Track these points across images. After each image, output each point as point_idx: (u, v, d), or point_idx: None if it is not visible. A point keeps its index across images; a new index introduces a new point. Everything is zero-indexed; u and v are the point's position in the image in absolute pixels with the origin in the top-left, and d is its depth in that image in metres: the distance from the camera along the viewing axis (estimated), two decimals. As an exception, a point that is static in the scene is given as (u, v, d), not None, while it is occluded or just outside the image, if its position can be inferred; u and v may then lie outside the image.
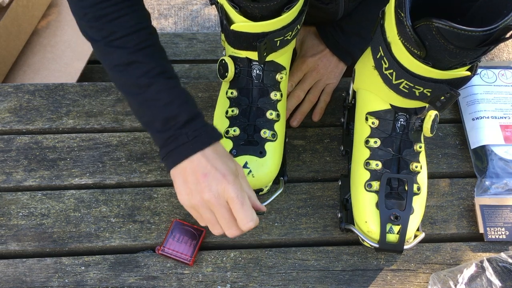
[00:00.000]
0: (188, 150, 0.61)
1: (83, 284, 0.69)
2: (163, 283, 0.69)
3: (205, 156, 0.61)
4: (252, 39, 0.65)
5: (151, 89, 0.63)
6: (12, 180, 0.77)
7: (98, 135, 0.82)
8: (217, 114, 0.74)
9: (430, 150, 0.82)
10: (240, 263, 0.71)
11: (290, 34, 0.67)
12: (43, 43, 1.37)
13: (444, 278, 0.68)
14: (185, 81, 0.90)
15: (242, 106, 0.72)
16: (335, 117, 0.85)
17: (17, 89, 0.87)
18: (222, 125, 0.72)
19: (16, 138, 0.81)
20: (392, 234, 0.66)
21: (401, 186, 0.67)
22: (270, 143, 0.71)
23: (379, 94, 0.69)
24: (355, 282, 0.70)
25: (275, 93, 0.72)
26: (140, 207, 0.75)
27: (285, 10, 0.62)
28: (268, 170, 0.70)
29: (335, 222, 0.75)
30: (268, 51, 0.67)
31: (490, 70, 0.87)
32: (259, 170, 0.69)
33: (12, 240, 0.72)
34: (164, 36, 1.34)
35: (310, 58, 0.83)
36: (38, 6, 1.40)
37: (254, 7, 0.61)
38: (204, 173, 0.60)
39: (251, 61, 0.71)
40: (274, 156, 0.71)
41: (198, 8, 2.08)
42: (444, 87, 0.59)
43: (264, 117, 0.71)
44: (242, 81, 0.72)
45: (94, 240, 0.72)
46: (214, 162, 0.61)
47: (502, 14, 0.51)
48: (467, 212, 0.76)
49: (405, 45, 0.58)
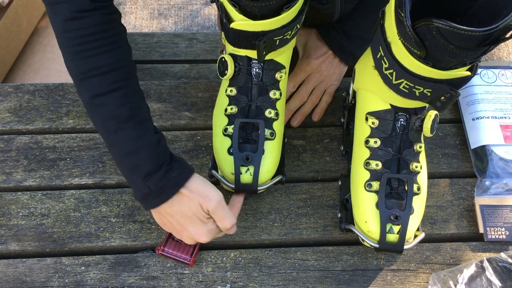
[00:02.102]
0: (153, 201, 0.64)
1: (83, 284, 0.69)
2: (163, 283, 0.69)
3: (171, 206, 0.64)
4: (252, 37, 0.65)
5: (118, 135, 0.63)
6: (12, 180, 0.77)
7: (98, 135, 0.82)
8: (216, 111, 0.74)
9: (430, 150, 0.82)
10: (240, 263, 0.71)
11: (290, 34, 0.67)
12: (43, 43, 1.37)
13: (444, 278, 0.68)
14: (185, 81, 0.90)
15: (241, 104, 0.72)
16: (335, 117, 0.85)
17: (17, 89, 0.87)
18: (221, 123, 0.72)
19: (16, 138, 0.81)
20: (392, 234, 0.66)
21: (401, 186, 0.67)
22: (268, 141, 0.71)
23: (379, 94, 0.69)
24: (355, 282, 0.70)
25: (274, 91, 0.72)
26: (140, 207, 0.75)
27: (284, 9, 0.62)
28: (266, 169, 0.70)
29: (335, 222, 0.75)
30: (268, 50, 0.68)
31: (490, 70, 0.87)
32: (256, 169, 0.69)
33: (12, 240, 0.72)
34: (164, 36, 1.34)
35: (315, 60, 0.83)
36: (38, 6, 1.40)
37: (254, 6, 0.61)
38: (174, 226, 0.66)
39: (251, 59, 0.71)
40: (272, 154, 0.71)
41: (198, 8, 2.08)
42: (444, 87, 0.59)
43: (263, 115, 0.72)
44: (241, 79, 0.72)
45: (94, 240, 0.72)
46: (177, 216, 0.65)
47: (502, 14, 0.51)
48: (467, 212, 0.76)
49: (405, 45, 0.58)
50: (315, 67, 0.84)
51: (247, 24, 0.64)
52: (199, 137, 0.82)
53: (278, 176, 0.74)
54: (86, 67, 0.62)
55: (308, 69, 0.84)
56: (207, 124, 0.84)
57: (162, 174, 0.62)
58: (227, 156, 0.70)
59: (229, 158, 0.70)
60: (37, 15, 1.40)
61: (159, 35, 1.35)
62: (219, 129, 0.72)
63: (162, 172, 0.62)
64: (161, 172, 0.62)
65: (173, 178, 0.63)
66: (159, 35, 1.35)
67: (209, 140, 0.82)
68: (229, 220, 0.66)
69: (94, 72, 0.62)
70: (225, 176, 0.71)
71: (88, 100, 0.63)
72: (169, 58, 1.31)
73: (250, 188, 0.70)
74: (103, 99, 0.63)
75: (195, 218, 0.65)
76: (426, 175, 0.70)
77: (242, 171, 0.69)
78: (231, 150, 0.70)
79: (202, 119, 0.84)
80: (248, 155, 0.69)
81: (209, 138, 0.82)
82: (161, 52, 1.31)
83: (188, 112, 0.85)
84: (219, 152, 0.71)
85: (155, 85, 0.88)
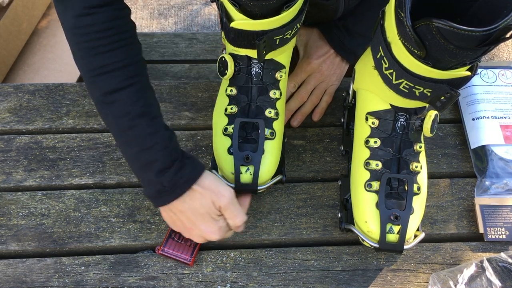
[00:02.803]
0: (166, 198, 0.64)
1: (83, 284, 0.69)
2: (163, 283, 0.69)
3: (183, 202, 0.64)
4: (252, 37, 0.65)
5: (132, 132, 0.62)
6: (12, 180, 0.77)
7: (98, 135, 0.82)
8: (216, 111, 0.74)
9: (430, 150, 0.82)
10: (240, 263, 0.71)
11: (290, 33, 0.67)
12: (43, 43, 1.37)
13: (444, 278, 0.68)
14: (185, 81, 0.90)
15: (241, 104, 0.72)
16: (335, 117, 0.85)
17: (17, 89, 0.87)
18: (221, 123, 0.72)
19: (16, 138, 0.81)
20: (392, 234, 0.66)
21: (401, 186, 0.67)
22: (268, 141, 0.71)
23: (379, 94, 0.69)
24: (355, 282, 0.70)
25: (274, 91, 0.72)
26: (140, 207, 0.75)
27: (284, 9, 0.62)
28: (266, 169, 0.70)
29: (335, 222, 0.75)
30: (268, 50, 0.67)
31: (490, 70, 0.87)
32: (256, 168, 0.69)
33: (12, 240, 0.72)
34: (164, 36, 1.34)
35: (315, 60, 0.83)
36: (38, 6, 1.40)
37: (254, 5, 0.61)
38: (185, 224, 0.66)
39: (251, 59, 0.71)
40: (272, 154, 0.71)
41: (198, 8, 2.08)
42: (444, 87, 0.59)
43: (263, 115, 0.72)
44: (241, 79, 0.72)
45: (94, 240, 0.72)
46: (189, 213, 0.64)
47: (502, 14, 0.51)
48: (467, 212, 0.76)
49: (405, 45, 0.58)
50: (315, 67, 0.83)
51: (247, 23, 0.64)
52: (199, 137, 0.82)
53: (278, 176, 0.74)
54: (98, 63, 0.62)
55: (309, 69, 0.84)
56: (207, 124, 0.84)
57: (175, 170, 0.62)
58: (227, 155, 0.70)
59: (229, 157, 0.70)
60: (37, 15, 1.41)
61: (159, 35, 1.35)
62: (219, 128, 0.72)
63: (175, 168, 0.62)
64: (174, 169, 0.62)
65: (186, 174, 0.63)
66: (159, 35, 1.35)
67: (209, 140, 0.82)
68: (240, 217, 0.66)
69: (106, 69, 0.62)
70: (225, 175, 0.71)
71: (100, 98, 0.63)
72: (169, 58, 1.31)
73: (250, 187, 0.70)
74: (116, 95, 0.62)
75: (207, 215, 0.64)
76: (426, 175, 0.70)
77: (242, 171, 0.69)
78: (231, 150, 0.70)
79: (202, 119, 0.84)
80: (248, 155, 0.69)
81: (209, 138, 0.82)
82: (161, 52, 1.31)
83: (188, 112, 0.85)
84: (219, 151, 0.71)
85: (155, 85, 0.88)
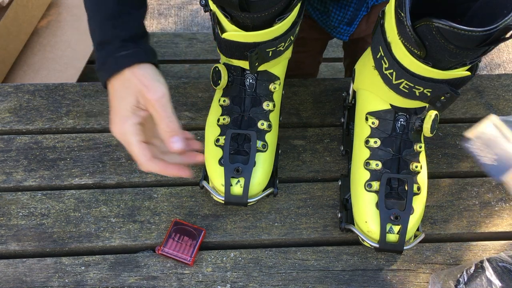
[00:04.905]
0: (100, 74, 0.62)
1: (83, 284, 0.69)
2: (163, 283, 0.69)
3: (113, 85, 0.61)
4: (244, 48, 0.64)
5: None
6: (12, 180, 0.77)
7: (98, 135, 0.82)
8: (209, 121, 0.74)
9: (430, 150, 0.82)
10: (240, 263, 0.71)
11: (283, 45, 0.66)
12: (43, 43, 1.37)
13: (444, 278, 0.68)
14: (185, 81, 0.90)
15: (233, 114, 0.71)
16: (335, 117, 0.85)
17: (17, 89, 0.87)
18: (213, 133, 0.71)
19: (16, 138, 0.81)
20: (392, 234, 0.66)
21: (401, 186, 0.67)
22: (260, 153, 0.70)
23: (379, 94, 0.69)
24: (355, 282, 0.70)
25: (267, 103, 0.72)
26: (140, 207, 0.75)
27: (277, 21, 0.61)
28: (257, 181, 0.69)
29: (335, 222, 0.75)
30: (260, 62, 0.67)
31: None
32: (247, 181, 0.68)
33: (12, 240, 0.72)
34: (164, 36, 1.34)
35: None
36: (38, 6, 1.40)
37: (246, 17, 0.60)
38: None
39: (244, 70, 0.70)
40: (263, 167, 0.70)
41: (198, 8, 2.08)
42: (444, 87, 0.59)
43: (255, 127, 0.71)
44: (234, 89, 0.71)
45: (94, 240, 0.72)
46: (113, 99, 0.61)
47: (502, 14, 0.51)
48: (467, 212, 0.76)
49: (405, 45, 0.58)
50: None
51: (239, 35, 0.63)
52: (199, 137, 0.82)
53: (269, 188, 0.73)
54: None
55: None
56: (207, 124, 0.84)
57: (113, 48, 0.60)
58: (217, 167, 0.69)
59: (220, 169, 0.68)
60: (37, 15, 1.41)
61: (159, 35, 1.35)
62: (210, 139, 0.71)
63: (113, 46, 0.61)
64: (113, 46, 0.61)
65: (120, 56, 0.60)
66: (159, 35, 1.35)
67: (209, 140, 0.82)
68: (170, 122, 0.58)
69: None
70: (215, 187, 0.70)
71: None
72: (169, 58, 1.31)
73: (240, 200, 0.68)
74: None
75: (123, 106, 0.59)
76: (426, 175, 0.70)
77: (232, 183, 0.68)
78: (222, 161, 0.69)
79: (202, 119, 0.84)
80: (239, 167, 0.68)
81: (209, 138, 0.82)
82: (161, 52, 1.31)
83: (188, 112, 0.85)
84: (210, 162, 0.70)
85: (155, 85, 0.87)
